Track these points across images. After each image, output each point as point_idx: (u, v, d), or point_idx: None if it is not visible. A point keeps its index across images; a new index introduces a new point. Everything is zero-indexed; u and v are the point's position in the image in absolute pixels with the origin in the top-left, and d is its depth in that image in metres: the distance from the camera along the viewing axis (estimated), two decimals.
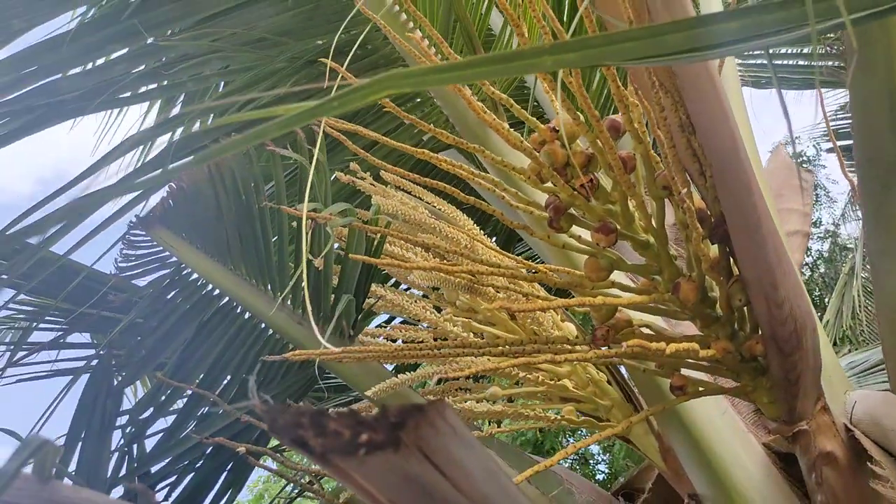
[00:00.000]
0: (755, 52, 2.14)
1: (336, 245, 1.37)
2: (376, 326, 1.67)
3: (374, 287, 1.37)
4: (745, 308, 0.98)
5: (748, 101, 1.79)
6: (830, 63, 1.96)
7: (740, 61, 2.16)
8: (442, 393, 1.53)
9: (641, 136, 0.95)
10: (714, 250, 1.01)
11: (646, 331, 1.09)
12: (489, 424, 1.61)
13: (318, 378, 1.45)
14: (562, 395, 1.43)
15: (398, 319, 1.64)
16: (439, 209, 1.44)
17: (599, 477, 7.55)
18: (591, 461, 7.74)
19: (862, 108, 1.03)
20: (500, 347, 0.98)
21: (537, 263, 1.13)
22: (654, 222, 1.00)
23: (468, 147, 0.96)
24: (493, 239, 2.40)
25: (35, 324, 1.60)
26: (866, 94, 1.02)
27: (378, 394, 1.14)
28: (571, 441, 6.31)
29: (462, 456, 0.37)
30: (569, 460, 7.56)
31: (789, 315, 0.93)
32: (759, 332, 0.97)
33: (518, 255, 2.69)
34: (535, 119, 1.00)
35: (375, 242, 1.19)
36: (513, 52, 0.40)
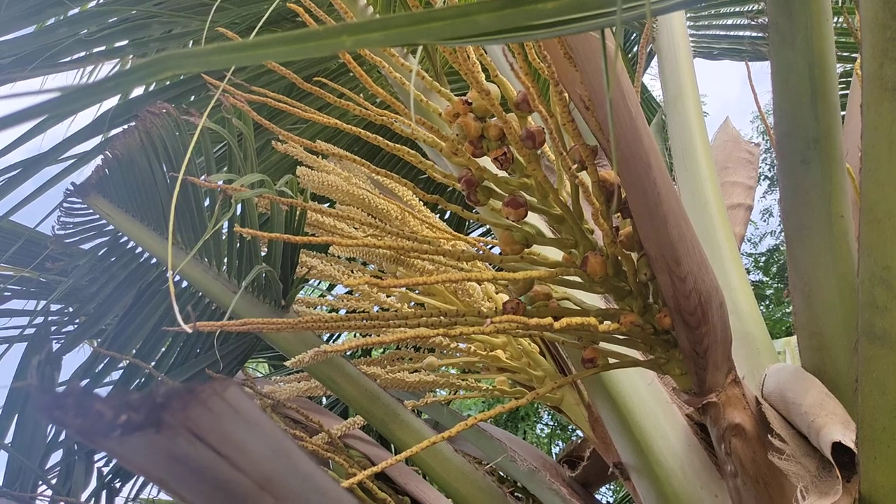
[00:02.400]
0: (707, 22, 2.13)
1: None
2: (319, 296, 1.67)
3: (306, 258, 1.37)
4: (652, 282, 0.99)
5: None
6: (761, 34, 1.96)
7: (693, 32, 2.15)
8: (383, 362, 1.55)
9: (548, 111, 0.94)
10: (627, 225, 1.02)
11: (566, 304, 1.10)
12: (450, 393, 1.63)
13: (256, 347, 1.47)
14: (497, 365, 1.44)
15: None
16: (381, 180, 1.44)
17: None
18: (570, 427, 7.85)
19: (782, 80, 1.03)
20: (411, 319, 0.99)
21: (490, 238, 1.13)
22: (565, 196, 1.01)
23: (378, 119, 0.96)
24: (447, 215, 2.40)
25: None
26: (787, 66, 1.02)
27: (302, 362, 1.15)
28: (546, 412, 6.39)
29: (244, 436, 0.37)
30: (548, 427, 7.66)
31: (693, 289, 0.94)
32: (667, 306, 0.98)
33: (474, 230, 2.69)
34: (448, 91, 1.00)
35: (297, 214, 1.19)
36: (309, 31, 0.40)
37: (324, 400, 2.07)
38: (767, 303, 9.39)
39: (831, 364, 1.01)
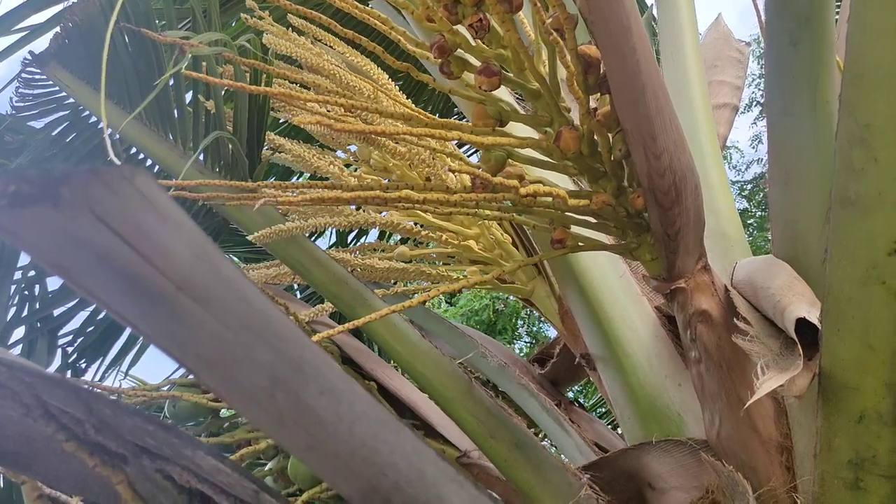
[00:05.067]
0: None
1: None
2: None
3: (275, 137, 1.32)
4: (626, 161, 0.96)
5: None
6: None
7: None
8: (355, 251, 1.52)
9: None
10: (606, 104, 0.98)
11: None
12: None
13: (223, 230, 1.44)
14: (469, 256, 1.43)
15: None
16: (354, 61, 1.38)
17: None
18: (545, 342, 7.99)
19: None
20: (379, 191, 0.95)
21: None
22: (543, 69, 0.96)
23: None
24: (429, 109, 2.34)
25: None
26: None
27: (264, 237, 1.12)
28: (522, 323, 6.48)
29: (160, 231, 0.34)
30: (527, 346, 7.77)
31: (668, 167, 0.91)
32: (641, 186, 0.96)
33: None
34: None
35: (263, 84, 1.13)
36: None
37: (298, 295, 2.06)
38: (751, 230, 9.45)
39: (804, 252, 0.99)
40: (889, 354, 0.71)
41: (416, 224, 1.42)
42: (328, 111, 1.27)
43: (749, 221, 9.61)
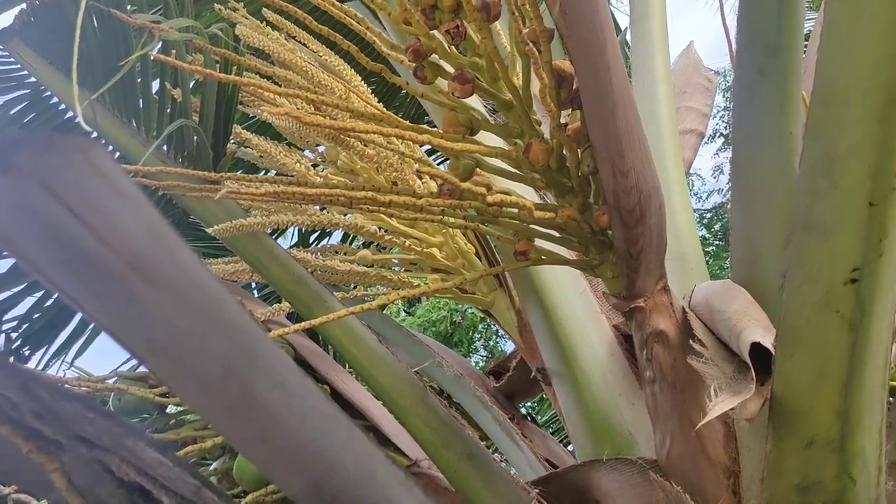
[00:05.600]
0: None
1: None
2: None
3: (242, 131, 1.30)
4: (593, 177, 0.96)
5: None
6: None
7: None
8: (316, 252, 1.51)
9: None
10: (576, 120, 0.98)
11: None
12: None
13: (182, 223, 1.41)
14: (432, 264, 1.42)
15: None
16: (327, 60, 1.37)
17: None
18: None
19: None
20: (344, 190, 0.94)
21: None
22: (516, 80, 0.96)
23: None
24: (400, 114, 2.34)
25: None
26: None
27: (224, 231, 1.10)
28: (478, 337, 6.49)
29: (114, 207, 0.32)
30: (483, 360, 7.77)
31: (634, 186, 0.92)
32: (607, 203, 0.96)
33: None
34: None
35: (234, 75, 1.11)
36: None
37: (255, 293, 2.03)
38: (708, 258, 9.63)
39: (762, 277, 1.01)
40: (840, 382, 0.73)
41: (380, 228, 1.41)
42: (298, 108, 1.26)
43: (707, 249, 9.80)
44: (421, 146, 2.05)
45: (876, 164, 0.60)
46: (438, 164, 2.34)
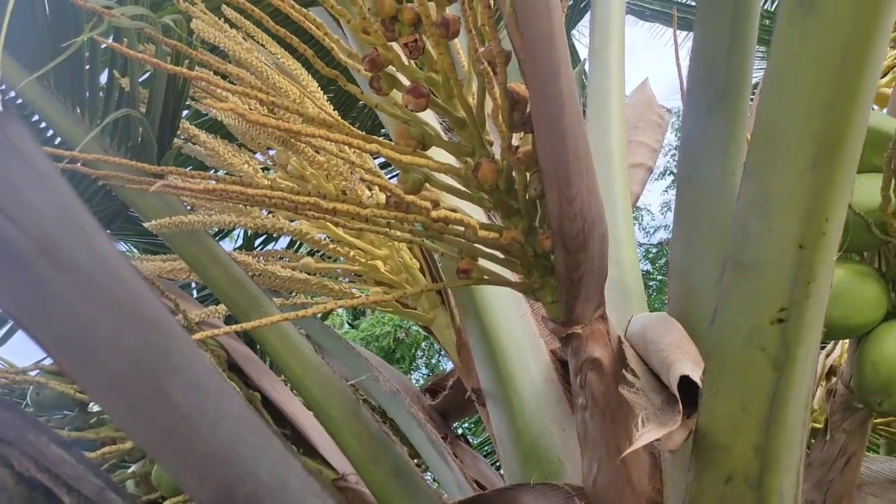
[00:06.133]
0: None
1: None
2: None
3: (190, 126, 1.28)
4: (540, 201, 0.97)
5: None
6: None
7: None
8: (258, 256, 1.48)
9: (470, 4, 0.89)
10: (527, 143, 0.99)
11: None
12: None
13: (120, 215, 1.37)
14: (375, 277, 1.41)
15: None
16: (285, 63, 1.35)
17: None
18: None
19: (706, 23, 1.02)
20: (289, 194, 0.92)
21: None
22: (471, 99, 0.97)
23: None
24: (356, 125, 2.33)
25: None
26: (715, 8, 1.00)
27: (162, 227, 1.07)
28: (421, 354, 6.47)
29: (26, 185, 0.31)
30: (423, 378, 7.74)
31: (579, 213, 0.92)
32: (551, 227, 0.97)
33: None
34: None
35: (185, 68, 1.09)
36: None
37: (194, 294, 1.98)
38: (651, 292, 9.82)
39: (696, 312, 1.03)
40: (761, 419, 0.74)
41: (325, 237, 1.39)
42: (250, 108, 1.24)
43: (650, 283, 9.99)
44: (374, 158, 2.04)
45: (808, 208, 0.62)
46: (391, 178, 2.33)
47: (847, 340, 1.27)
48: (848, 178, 0.62)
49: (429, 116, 1.32)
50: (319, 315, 2.19)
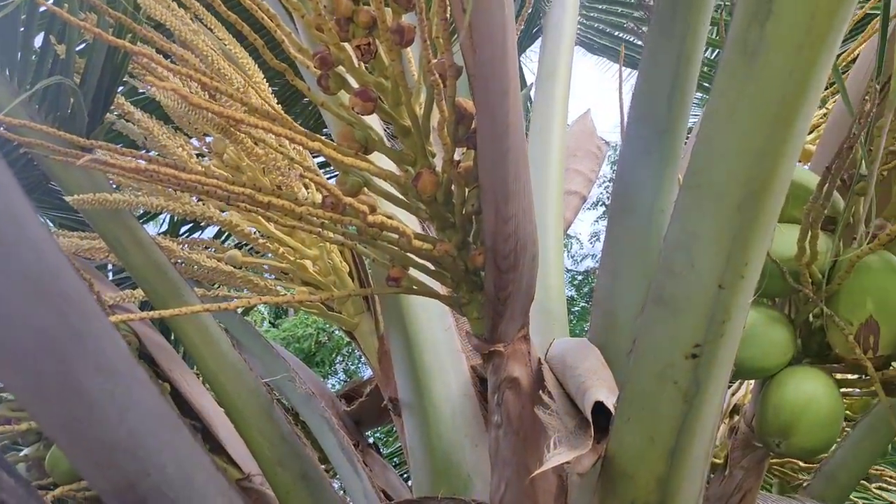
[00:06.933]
0: (597, 15, 2.19)
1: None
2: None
3: (125, 102, 1.24)
4: (476, 217, 0.98)
5: None
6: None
7: (583, 21, 2.20)
8: (184, 243, 1.44)
9: (427, 16, 0.90)
10: (469, 159, 1.00)
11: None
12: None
13: (40, 187, 1.31)
14: (303, 277, 1.39)
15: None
16: (232, 51, 1.33)
17: None
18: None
19: (650, 66, 1.05)
20: (224, 182, 0.90)
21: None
22: (418, 109, 0.97)
23: None
24: (299, 123, 2.30)
25: None
26: (658, 53, 1.03)
27: (85, 202, 1.03)
28: (341, 360, 6.40)
29: None
30: (339, 384, 7.64)
31: (513, 233, 0.94)
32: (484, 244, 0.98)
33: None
34: None
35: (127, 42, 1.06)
36: None
37: (110, 276, 1.90)
38: (574, 318, 10.00)
39: (615, 341, 1.05)
40: (666, 451, 0.76)
41: (256, 231, 1.36)
42: (192, 91, 1.21)
43: (574, 309, 10.18)
44: (314, 157, 2.01)
45: (730, 251, 0.65)
46: (330, 179, 2.31)
47: (752, 381, 1.33)
48: (770, 226, 0.65)
49: (374, 121, 1.32)
50: (240, 310, 2.15)
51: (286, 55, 1.07)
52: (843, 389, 0.94)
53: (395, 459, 3.11)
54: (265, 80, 1.34)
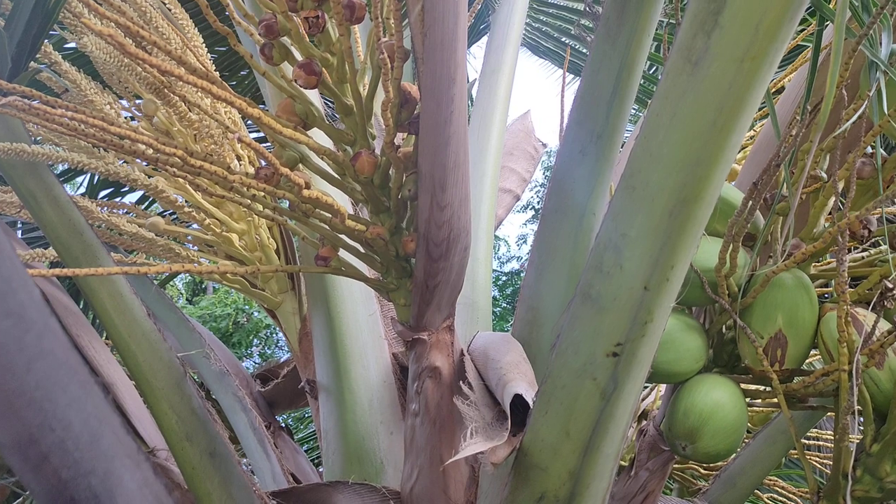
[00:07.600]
0: (545, 19, 2.22)
1: None
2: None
3: (53, 52, 1.17)
4: (411, 203, 0.97)
5: None
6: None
7: (530, 23, 2.23)
8: (104, 206, 1.37)
9: None
10: (410, 144, 0.99)
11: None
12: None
13: None
14: (227, 250, 1.35)
15: None
16: (173, 11, 1.28)
17: None
18: None
19: (593, 71, 1.07)
20: (154, 141, 0.86)
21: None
22: (363, 89, 0.96)
23: None
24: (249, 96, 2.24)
25: None
26: (602, 59, 1.05)
27: (1, 152, 0.97)
28: (258, 343, 6.28)
29: None
30: (255, 363, 7.50)
31: (447, 221, 0.94)
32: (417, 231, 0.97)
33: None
34: None
35: None
36: None
37: (20, 234, 1.81)
38: (494, 317, 10.11)
39: (538, 337, 1.07)
40: (581, 445, 0.78)
41: (182, 200, 1.32)
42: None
43: (495, 309, 10.31)
44: (251, 133, 1.96)
45: (658, 254, 0.66)
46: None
47: (663, 387, 1.37)
48: (697, 233, 0.67)
49: (314, 97, 1.30)
50: (157, 281, 2.07)
51: (230, 21, 1.04)
52: (747, 399, 0.99)
53: (305, 446, 3.07)
54: (204, 45, 1.30)
